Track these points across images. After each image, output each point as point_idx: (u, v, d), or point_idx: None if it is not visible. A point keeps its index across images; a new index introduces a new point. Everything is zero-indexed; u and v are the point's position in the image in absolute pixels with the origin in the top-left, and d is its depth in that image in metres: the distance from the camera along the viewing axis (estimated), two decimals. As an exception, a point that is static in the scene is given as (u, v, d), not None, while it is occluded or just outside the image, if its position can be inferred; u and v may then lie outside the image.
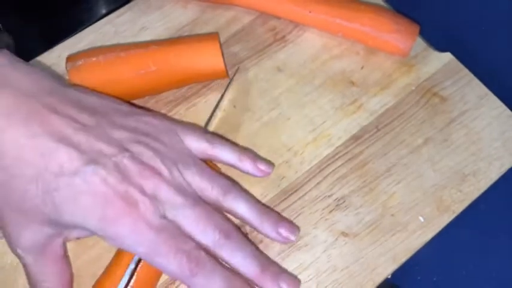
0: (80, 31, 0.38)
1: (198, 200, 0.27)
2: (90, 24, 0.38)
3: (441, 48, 0.37)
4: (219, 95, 0.36)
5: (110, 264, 0.29)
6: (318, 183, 0.33)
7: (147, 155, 0.27)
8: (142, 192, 0.25)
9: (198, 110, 0.35)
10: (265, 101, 0.36)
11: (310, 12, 0.36)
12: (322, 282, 0.30)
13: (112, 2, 0.45)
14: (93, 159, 0.25)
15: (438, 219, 0.32)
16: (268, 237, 0.29)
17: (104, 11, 0.45)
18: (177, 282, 0.30)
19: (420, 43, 0.37)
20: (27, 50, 0.43)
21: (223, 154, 0.30)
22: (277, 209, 0.32)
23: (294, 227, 0.30)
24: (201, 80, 0.35)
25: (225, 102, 0.35)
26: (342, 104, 0.35)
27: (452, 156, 0.34)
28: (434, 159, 0.34)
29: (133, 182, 0.25)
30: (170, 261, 0.25)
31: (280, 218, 0.30)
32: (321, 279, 0.31)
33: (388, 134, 0.34)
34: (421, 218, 0.32)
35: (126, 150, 0.26)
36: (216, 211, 0.28)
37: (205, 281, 0.25)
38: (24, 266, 0.27)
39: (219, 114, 0.35)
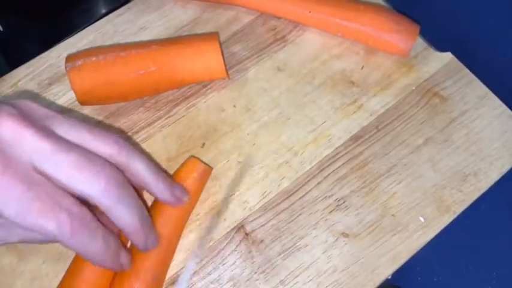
0: (80, 31, 0.38)
1: (72, 145, 0.24)
2: (90, 24, 0.38)
3: (441, 48, 0.37)
4: (219, 96, 0.36)
5: (72, 263, 0.29)
6: (318, 184, 0.33)
7: (7, 107, 0.23)
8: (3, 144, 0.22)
9: (198, 109, 0.35)
10: (265, 101, 0.36)
11: (310, 12, 0.36)
12: (323, 282, 0.30)
13: (112, 2, 0.45)
14: None
15: (439, 219, 0.32)
16: (160, 197, 0.28)
17: (103, 11, 0.45)
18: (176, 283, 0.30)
19: (420, 43, 0.37)
20: (27, 50, 0.44)
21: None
22: (277, 209, 0.32)
23: (184, 190, 0.29)
24: (201, 80, 0.35)
25: (225, 102, 0.35)
26: (342, 104, 0.35)
27: (453, 157, 0.34)
28: (434, 159, 0.34)
29: None
30: (47, 220, 0.22)
31: (172, 180, 0.29)
32: (322, 280, 0.30)
33: (389, 134, 0.34)
34: (421, 219, 0.32)
35: None
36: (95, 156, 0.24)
37: (87, 242, 0.23)
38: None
39: (219, 114, 0.35)
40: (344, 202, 0.32)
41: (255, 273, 0.31)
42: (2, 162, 0.22)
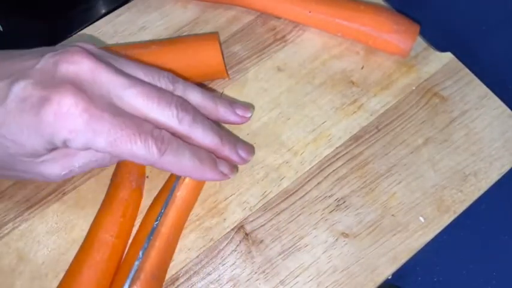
0: (80, 31, 0.38)
1: (141, 80, 0.26)
2: (90, 24, 0.38)
3: (441, 48, 0.37)
4: (219, 95, 0.36)
5: (72, 263, 0.29)
6: (318, 184, 0.33)
7: (75, 48, 0.25)
8: (78, 80, 0.24)
9: (198, 110, 0.35)
10: (265, 101, 0.36)
11: (310, 12, 0.36)
12: (323, 282, 0.30)
13: (111, 2, 0.45)
14: (11, 81, 0.24)
15: (439, 219, 0.32)
16: (225, 120, 0.30)
17: (103, 11, 0.45)
18: (176, 283, 0.30)
19: (420, 43, 0.37)
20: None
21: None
22: (277, 208, 0.32)
23: (248, 105, 0.32)
24: (201, 80, 0.35)
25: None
26: (342, 104, 0.35)
27: (453, 157, 0.34)
28: (434, 159, 0.34)
29: (63, 74, 0.24)
30: (137, 145, 0.24)
31: (232, 101, 0.31)
32: (322, 280, 0.30)
33: (389, 134, 0.34)
34: (421, 219, 0.32)
35: (48, 51, 0.25)
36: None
37: (175, 158, 0.25)
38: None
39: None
40: (344, 202, 0.32)
41: (255, 273, 0.31)
42: (86, 99, 0.23)
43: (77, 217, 0.32)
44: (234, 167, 0.30)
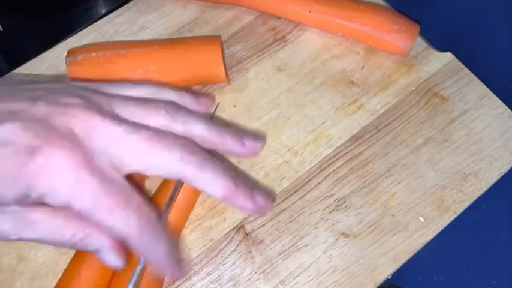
0: (80, 31, 0.38)
1: (140, 125, 0.24)
2: (90, 24, 0.38)
3: (441, 48, 0.37)
4: (219, 96, 0.36)
5: (70, 263, 0.29)
6: (318, 184, 0.33)
7: (68, 99, 0.23)
8: (71, 133, 0.22)
9: (198, 110, 0.35)
10: (265, 101, 0.36)
11: (310, 12, 0.36)
12: (323, 282, 0.30)
13: (112, 2, 0.45)
14: (2, 119, 0.21)
15: (439, 219, 0.32)
16: (233, 152, 0.27)
17: (103, 11, 0.45)
18: (176, 283, 0.30)
19: (420, 43, 0.37)
20: (27, 50, 0.43)
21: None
22: (278, 208, 0.32)
23: (258, 136, 0.28)
24: (201, 83, 0.35)
25: (225, 102, 0.35)
26: (342, 104, 0.35)
27: (453, 156, 0.34)
28: (434, 159, 0.34)
29: (57, 124, 0.22)
30: (117, 218, 0.22)
31: (239, 131, 0.27)
32: (322, 280, 0.30)
33: (389, 134, 0.34)
34: (421, 218, 0.32)
35: (40, 99, 0.22)
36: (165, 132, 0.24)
37: (152, 243, 0.23)
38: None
39: (219, 114, 0.35)
40: (344, 202, 0.32)
41: (255, 273, 0.31)
42: (78, 156, 0.21)
43: (77, 217, 0.32)
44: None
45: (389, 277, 0.31)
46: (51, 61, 0.37)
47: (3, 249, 0.31)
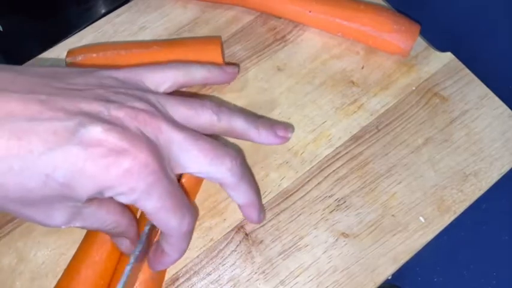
0: (80, 31, 0.38)
1: (198, 133, 0.26)
2: (90, 24, 0.38)
3: (441, 48, 0.37)
4: (219, 96, 0.36)
5: (70, 263, 0.29)
6: (318, 184, 0.33)
7: (134, 102, 0.24)
8: (146, 137, 0.23)
9: (198, 110, 0.35)
10: (265, 101, 0.36)
11: (310, 12, 0.36)
12: (323, 283, 0.30)
13: (111, 2, 0.45)
14: (79, 122, 0.21)
15: (439, 219, 0.32)
16: (266, 143, 0.30)
17: (103, 11, 0.45)
18: (176, 283, 0.30)
19: (420, 43, 0.37)
20: (27, 50, 0.43)
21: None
22: (278, 209, 0.32)
23: (288, 125, 0.32)
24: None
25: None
26: (342, 104, 0.35)
27: (453, 157, 0.34)
28: (434, 159, 0.34)
29: (132, 128, 0.23)
30: (173, 218, 0.24)
31: (272, 122, 0.31)
32: (322, 280, 0.30)
33: (389, 134, 0.34)
34: (421, 219, 0.32)
35: (108, 101, 0.23)
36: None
37: (190, 234, 0.26)
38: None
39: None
40: (344, 202, 0.32)
41: (255, 273, 0.31)
42: (157, 160, 0.23)
43: (76, 217, 0.32)
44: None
45: (389, 277, 0.31)
46: (51, 61, 0.37)
47: (3, 249, 0.31)
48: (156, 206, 0.23)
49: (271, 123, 0.31)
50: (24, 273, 0.30)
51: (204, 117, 0.27)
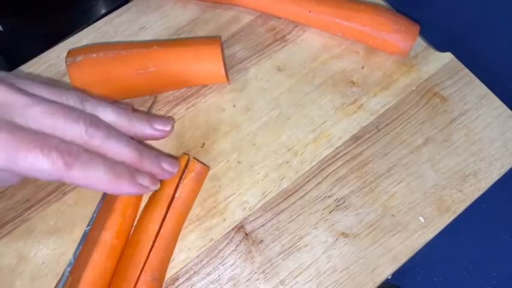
0: (80, 31, 0.38)
1: (45, 99, 0.25)
2: (90, 24, 0.38)
3: (441, 48, 0.37)
4: (219, 96, 0.36)
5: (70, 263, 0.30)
6: (318, 184, 0.33)
7: None
8: None
9: (198, 110, 0.35)
10: (265, 101, 0.36)
11: (310, 12, 0.36)
12: (323, 282, 0.30)
13: (111, 2, 0.45)
14: None
15: (438, 219, 0.32)
16: (142, 136, 0.29)
17: (103, 11, 0.45)
18: (176, 283, 0.30)
19: (420, 43, 0.37)
20: (27, 50, 0.44)
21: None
22: (278, 208, 0.32)
23: (166, 119, 0.31)
24: (201, 84, 0.35)
25: (225, 102, 0.35)
26: (342, 104, 0.35)
27: (453, 157, 0.34)
28: (434, 159, 0.34)
29: None
30: (39, 158, 0.23)
31: (150, 117, 0.30)
32: (321, 280, 0.30)
33: (389, 134, 0.34)
34: (421, 219, 0.32)
35: None
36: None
37: (85, 172, 0.24)
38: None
39: (219, 114, 0.35)
40: (344, 202, 0.32)
41: (255, 273, 0.31)
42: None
43: (77, 217, 0.32)
44: (155, 180, 0.28)
45: (389, 277, 0.31)
46: (51, 61, 0.37)
47: (3, 249, 0.31)
48: (8, 157, 0.23)
49: (147, 117, 0.30)
50: (24, 273, 0.30)
51: (67, 103, 0.26)
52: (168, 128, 0.30)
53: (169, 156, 0.30)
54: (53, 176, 0.24)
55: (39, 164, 0.23)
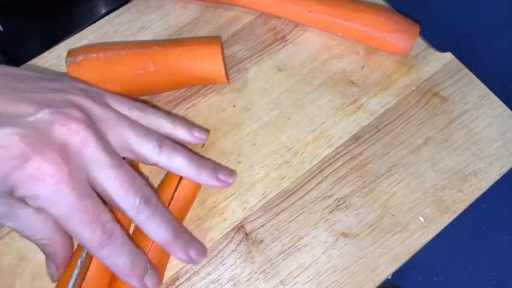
0: (80, 31, 0.38)
1: (123, 162, 0.27)
2: (90, 24, 0.38)
3: (441, 48, 0.37)
4: (219, 96, 0.36)
5: (71, 263, 0.29)
6: (318, 184, 0.33)
7: (70, 109, 0.25)
8: (65, 148, 0.24)
9: (197, 110, 0.35)
10: (265, 101, 0.36)
11: (310, 12, 0.36)
12: (323, 282, 0.30)
13: (112, 2, 0.45)
14: (5, 121, 0.23)
15: (439, 219, 0.32)
16: (206, 184, 0.30)
17: (103, 11, 0.45)
18: (176, 283, 0.30)
19: (420, 43, 0.37)
20: (27, 50, 0.44)
21: (156, 121, 0.29)
22: (278, 208, 0.32)
23: (230, 171, 0.32)
24: (201, 84, 0.35)
25: (225, 102, 0.35)
26: (342, 104, 0.35)
27: (453, 157, 0.34)
28: (434, 159, 0.34)
29: (54, 136, 0.24)
30: (84, 229, 0.24)
31: (216, 165, 0.31)
32: (321, 280, 0.30)
33: (389, 134, 0.34)
34: (421, 218, 0.32)
35: (46, 105, 0.24)
36: (138, 175, 0.27)
37: (112, 255, 0.25)
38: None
39: (219, 114, 0.35)
40: (344, 202, 0.32)
41: (255, 273, 0.31)
42: (65, 172, 0.23)
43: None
44: (159, 281, 0.28)
45: (389, 277, 0.31)
46: (51, 61, 0.37)
47: (3, 249, 0.31)
48: (63, 215, 0.24)
49: (213, 166, 0.30)
50: (24, 273, 0.31)
51: (145, 147, 0.27)
52: (231, 181, 0.31)
53: (199, 243, 0.30)
54: (83, 244, 0.25)
55: (82, 234, 0.24)
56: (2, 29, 0.43)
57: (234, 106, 0.35)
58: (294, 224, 0.32)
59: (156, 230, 0.27)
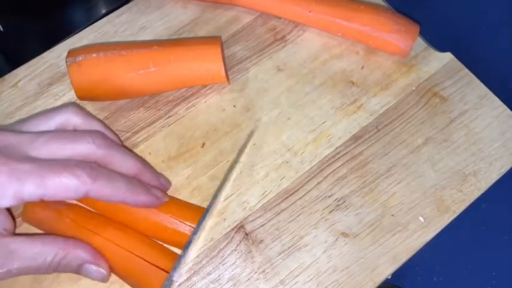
0: (80, 31, 0.38)
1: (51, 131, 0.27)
2: (90, 24, 0.38)
3: (441, 48, 0.37)
4: (219, 96, 0.36)
5: None
6: (318, 183, 0.33)
7: None
8: None
9: (197, 110, 0.35)
10: (265, 101, 0.36)
11: (310, 12, 0.36)
12: (323, 282, 0.30)
13: (112, 2, 0.45)
14: None
15: (438, 219, 0.32)
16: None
17: (103, 11, 0.45)
18: (176, 283, 0.30)
19: (420, 43, 0.37)
20: (27, 50, 0.44)
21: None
22: (278, 208, 0.32)
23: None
24: (201, 84, 0.35)
25: (225, 102, 0.35)
26: (342, 104, 0.35)
27: (453, 157, 0.34)
28: (434, 159, 0.34)
29: None
30: (66, 177, 0.24)
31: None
32: (321, 280, 0.30)
33: (388, 134, 0.34)
34: (421, 218, 0.32)
35: None
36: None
37: (109, 182, 0.26)
38: None
39: (219, 114, 0.35)
40: (344, 202, 0.32)
41: (255, 273, 0.31)
42: (2, 158, 0.24)
43: (77, 217, 0.32)
44: (165, 193, 0.29)
45: (389, 277, 0.31)
46: (51, 61, 0.37)
47: (3, 249, 0.31)
48: (37, 181, 0.24)
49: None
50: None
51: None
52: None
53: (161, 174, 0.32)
54: (79, 191, 0.25)
55: (66, 181, 0.24)
56: (2, 29, 0.43)
57: (234, 106, 0.35)
58: (294, 223, 0.32)
59: (124, 160, 0.27)
